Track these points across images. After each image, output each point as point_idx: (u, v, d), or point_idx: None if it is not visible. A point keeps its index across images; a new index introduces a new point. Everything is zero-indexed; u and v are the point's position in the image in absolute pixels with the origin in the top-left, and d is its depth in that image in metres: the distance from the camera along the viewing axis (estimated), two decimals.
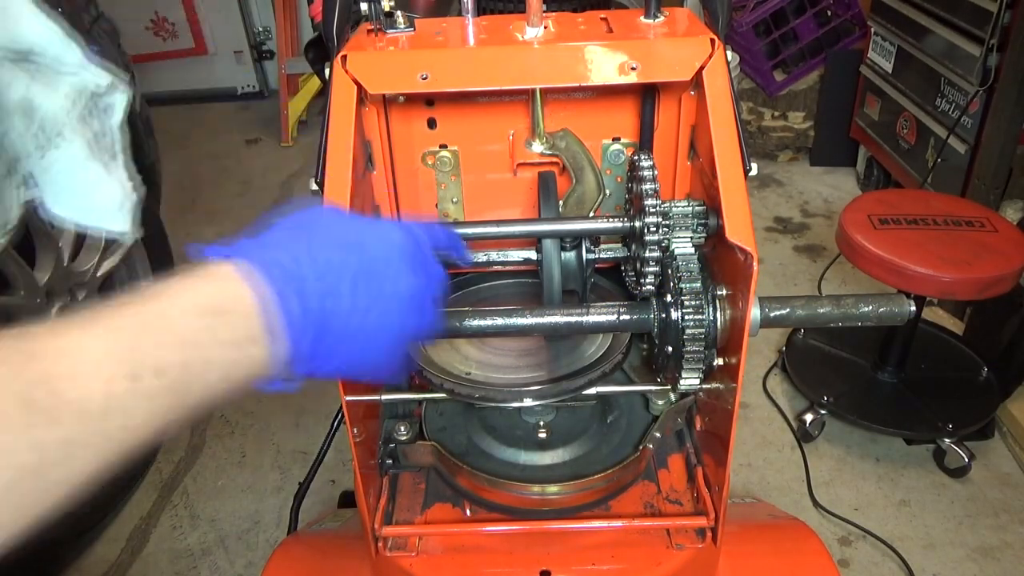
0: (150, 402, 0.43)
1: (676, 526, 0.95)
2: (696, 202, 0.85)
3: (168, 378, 0.43)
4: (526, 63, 0.84)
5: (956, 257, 1.82)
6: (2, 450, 0.36)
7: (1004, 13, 2.27)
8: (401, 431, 0.99)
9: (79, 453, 0.41)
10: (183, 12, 4.67)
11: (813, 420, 2.15)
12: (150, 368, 0.42)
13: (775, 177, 3.67)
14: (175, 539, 1.99)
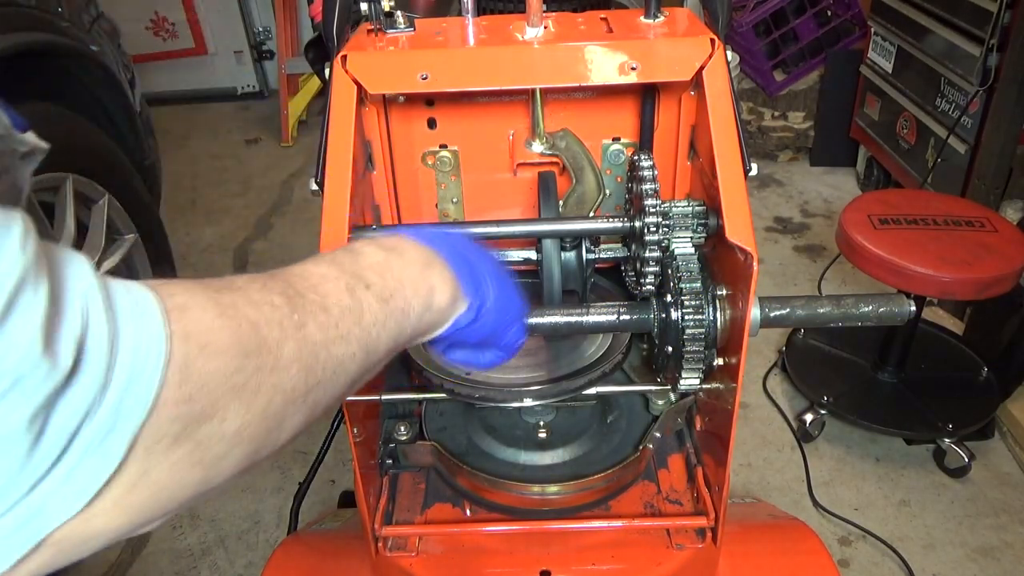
0: (384, 317, 0.52)
1: (676, 526, 0.95)
2: (696, 202, 0.85)
3: (390, 306, 0.53)
4: (526, 63, 0.84)
5: (956, 257, 1.82)
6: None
7: (1004, 13, 2.27)
8: (401, 431, 0.99)
9: (350, 343, 0.49)
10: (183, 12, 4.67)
11: (813, 420, 2.15)
12: (381, 291, 0.53)
13: (775, 177, 3.67)
14: (175, 539, 1.99)
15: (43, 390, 0.31)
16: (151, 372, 0.35)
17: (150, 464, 0.36)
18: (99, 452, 0.33)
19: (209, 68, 4.90)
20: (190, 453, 0.38)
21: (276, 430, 0.44)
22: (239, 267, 3.11)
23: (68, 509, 0.33)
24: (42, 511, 0.32)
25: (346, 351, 0.49)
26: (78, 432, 0.33)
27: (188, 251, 3.13)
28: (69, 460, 0.33)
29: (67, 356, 0.32)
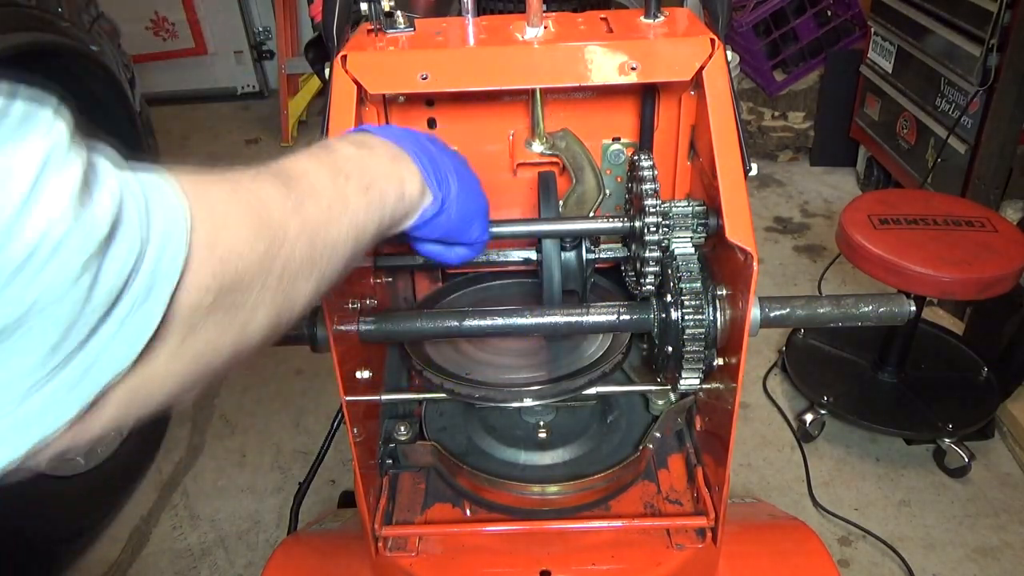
0: (366, 205, 0.58)
1: (676, 526, 0.95)
2: (696, 202, 0.85)
3: (369, 195, 0.58)
4: (526, 63, 0.84)
5: (956, 257, 1.82)
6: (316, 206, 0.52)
7: (1004, 13, 2.27)
8: (401, 431, 0.99)
9: (337, 218, 0.54)
10: (183, 12, 4.67)
11: (813, 420, 2.15)
12: (360, 182, 0.58)
13: (775, 177, 3.67)
14: (175, 539, 1.99)
15: (91, 242, 0.33)
16: (179, 234, 0.39)
17: (193, 323, 0.41)
18: (144, 307, 0.37)
19: (209, 68, 4.90)
20: (225, 317, 0.43)
21: (291, 301, 0.49)
22: None
23: (122, 360, 0.36)
24: (99, 361, 0.35)
25: (339, 233, 0.54)
26: (126, 286, 0.36)
27: None
28: (119, 312, 0.36)
29: (107, 214, 0.35)
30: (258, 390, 2.49)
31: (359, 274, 0.91)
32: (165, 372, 0.40)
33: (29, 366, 0.33)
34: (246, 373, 2.56)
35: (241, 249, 0.44)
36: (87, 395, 0.36)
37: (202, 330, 0.41)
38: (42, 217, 0.31)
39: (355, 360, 0.88)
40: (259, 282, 0.45)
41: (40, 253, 0.31)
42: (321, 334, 0.80)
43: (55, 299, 0.32)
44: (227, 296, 0.43)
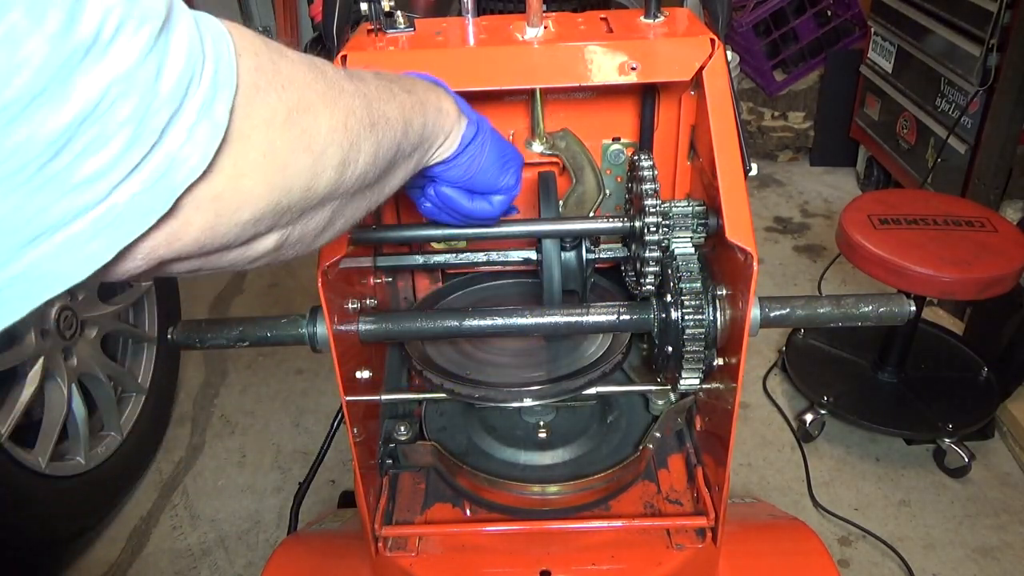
0: (412, 103, 0.60)
1: (676, 526, 0.95)
2: (696, 202, 0.85)
3: (413, 97, 0.60)
4: (526, 63, 0.84)
5: (956, 257, 1.82)
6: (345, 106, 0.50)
7: (1004, 13, 2.28)
8: (401, 431, 0.99)
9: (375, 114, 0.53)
10: None
11: (813, 420, 2.15)
12: (402, 85, 0.60)
13: (775, 177, 3.67)
14: (175, 539, 1.99)
15: (154, 19, 0.33)
16: (228, 51, 0.39)
17: (267, 136, 0.42)
18: (210, 114, 0.37)
19: None
20: (298, 136, 0.44)
21: (355, 148, 0.50)
22: None
23: (196, 166, 0.37)
24: (174, 165, 0.36)
25: (391, 111, 0.55)
26: (188, 88, 0.36)
27: None
28: (186, 118, 0.36)
29: (155, 12, 0.34)
30: (258, 390, 2.49)
31: (359, 274, 0.91)
32: (246, 188, 0.41)
33: (108, 162, 0.33)
34: (246, 373, 2.56)
35: (301, 78, 0.45)
36: (167, 197, 0.36)
37: (277, 139, 0.42)
38: (96, 10, 0.31)
39: (355, 360, 0.88)
40: (325, 116, 0.46)
41: (104, 34, 0.31)
42: (321, 334, 0.80)
43: (126, 82, 0.32)
44: (298, 117, 0.44)
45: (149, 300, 2.16)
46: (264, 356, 2.63)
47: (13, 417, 1.66)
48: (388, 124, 0.55)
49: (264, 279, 3.04)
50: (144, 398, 2.14)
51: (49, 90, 0.30)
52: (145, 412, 2.13)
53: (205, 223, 0.40)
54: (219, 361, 2.61)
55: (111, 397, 1.99)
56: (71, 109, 0.31)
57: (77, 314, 1.84)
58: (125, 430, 2.04)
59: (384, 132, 0.54)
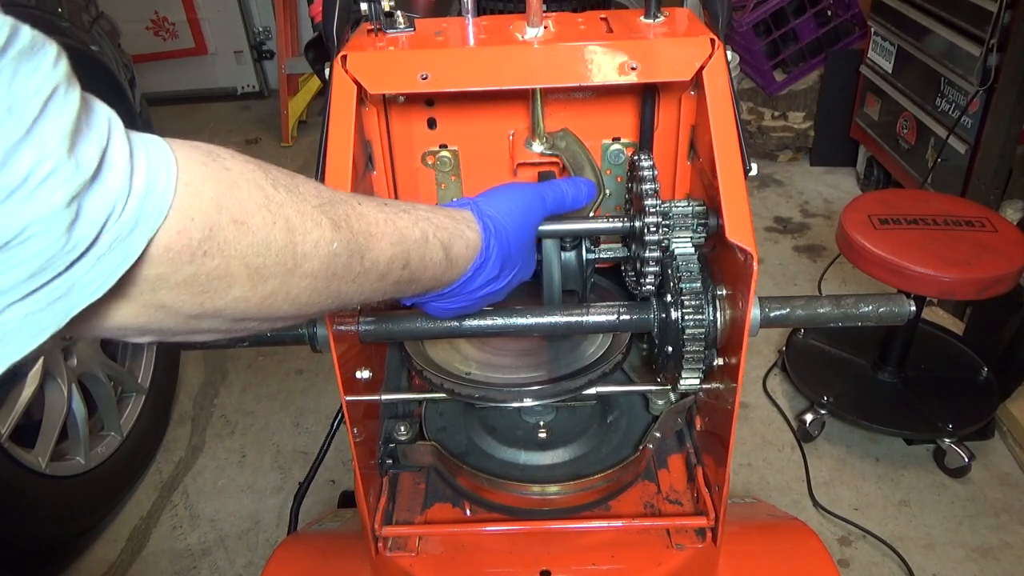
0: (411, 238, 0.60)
1: (676, 526, 0.95)
2: (696, 202, 0.85)
3: (411, 238, 0.60)
4: (526, 63, 0.83)
5: (956, 257, 1.82)
6: (318, 242, 0.50)
7: (1004, 13, 2.28)
8: (401, 431, 0.99)
9: (360, 256, 0.54)
10: (183, 12, 4.67)
11: (813, 420, 2.15)
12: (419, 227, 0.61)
13: (775, 177, 3.67)
14: (175, 539, 1.99)
15: (75, 181, 0.35)
16: (164, 187, 0.41)
17: (164, 282, 0.42)
18: (123, 247, 0.39)
19: (209, 68, 4.90)
20: (196, 294, 0.44)
21: (272, 319, 0.50)
22: None
23: (95, 291, 0.39)
24: (73, 290, 0.38)
25: (377, 254, 0.56)
26: (106, 225, 0.38)
27: None
28: (99, 248, 0.38)
29: (92, 159, 0.37)
30: (258, 390, 2.49)
31: None
32: (131, 306, 0.43)
33: (6, 286, 0.35)
34: (246, 373, 2.56)
35: (239, 249, 0.44)
36: (59, 320, 0.38)
37: (171, 288, 0.43)
38: (40, 148, 0.34)
39: (355, 360, 0.88)
40: (242, 289, 0.46)
41: (32, 181, 0.33)
42: (321, 334, 0.80)
43: (40, 230, 0.34)
44: (207, 282, 0.44)
45: None
46: (264, 356, 2.63)
47: (13, 417, 1.66)
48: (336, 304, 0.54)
49: None
50: (144, 398, 2.14)
51: None
52: (145, 412, 2.13)
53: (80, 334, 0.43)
54: (219, 361, 2.61)
55: (111, 397, 1.99)
56: None
57: None
58: (125, 430, 2.04)
59: (321, 309, 0.54)
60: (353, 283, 0.54)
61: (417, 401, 1.06)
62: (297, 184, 0.50)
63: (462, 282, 0.68)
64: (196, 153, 0.44)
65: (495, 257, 0.70)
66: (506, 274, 0.73)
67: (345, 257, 0.52)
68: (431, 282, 0.65)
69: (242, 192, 0.45)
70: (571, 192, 0.82)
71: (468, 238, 0.67)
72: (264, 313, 0.49)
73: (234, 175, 0.45)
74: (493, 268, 0.70)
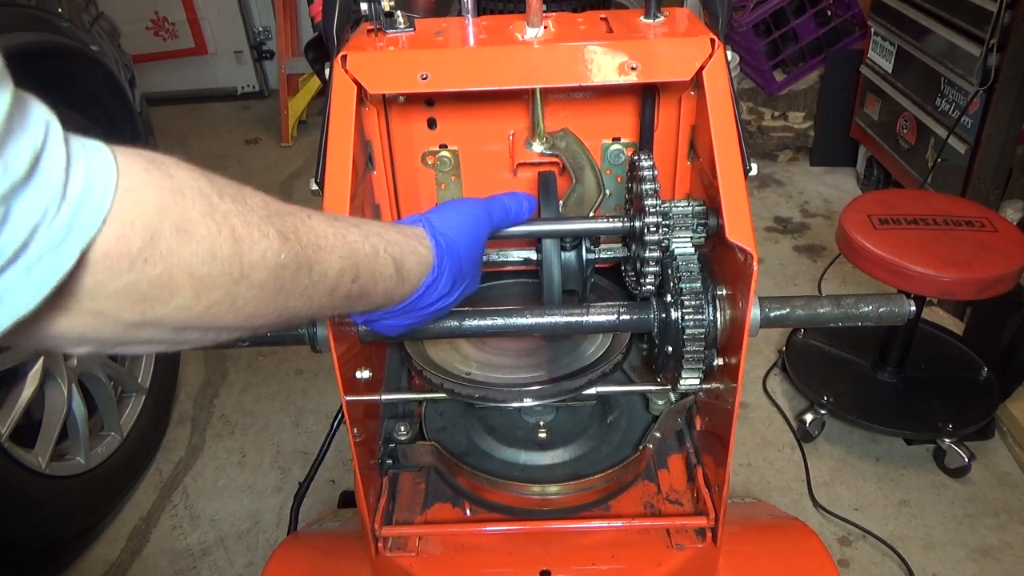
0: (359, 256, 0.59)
1: (676, 526, 0.95)
2: (696, 202, 0.85)
3: (361, 253, 0.59)
4: (526, 63, 0.83)
5: (956, 257, 1.82)
6: (265, 252, 0.49)
7: (1004, 13, 2.27)
8: (401, 431, 0.99)
9: (308, 269, 0.53)
10: (183, 12, 4.67)
11: (813, 420, 2.15)
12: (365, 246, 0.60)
13: (775, 177, 3.67)
14: (175, 539, 1.99)
15: (1, 184, 0.34)
16: (102, 194, 0.39)
17: (103, 289, 0.41)
18: (55, 255, 0.37)
19: (209, 68, 4.90)
20: (136, 302, 0.43)
21: (215, 329, 0.49)
22: None
23: (27, 302, 0.37)
24: (2, 301, 0.36)
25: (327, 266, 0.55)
26: (36, 231, 0.36)
27: None
28: (29, 257, 0.36)
29: (22, 162, 0.35)
30: (258, 390, 2.49)
31: None
32: (68, 317, 0.42)
33: None
34: (246, 373, 2.56)
35: (181, 256, 0.43)
36: None
37: (110, 297, 0.42)
38: None
39: (355, 360, 0.88)
40: (185, 299, 0.45)
41: None
42: (321, 334, 0.80)
43: None
44: (147, 290, 0.42)
45: None
46: (264, 356, 2.63)
47: (13, 417, 1.66)
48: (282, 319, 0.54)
49: None
50: (144, 398, 2.14)
51: None
52: (145, 412, 2.13)
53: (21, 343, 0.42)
54: (219, 361, 2.61)
55: (111, 397, 1.99)
56: None
57: None
58: (125, 430, 2.04)
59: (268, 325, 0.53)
60: (301, 296, 0.53)
61: (417, 401, 1.06)
62: (244, 195, 0.49)
63: (414, 299, 0.68)
64: (139, 160, 0.43)
65: (447, 273, 0.70)
66: (456, 288, 0.73)
67: (293, 269, 0.51)
68: (381, 298, 0.64)
69: (186, 200, 0.44)
70: (513, 207, 0.83)
71: (420, 254, 0.67)
72: (207, 323, 0.47)
73: (177, 182, 0.44)
74: (445, 284, 0.70)
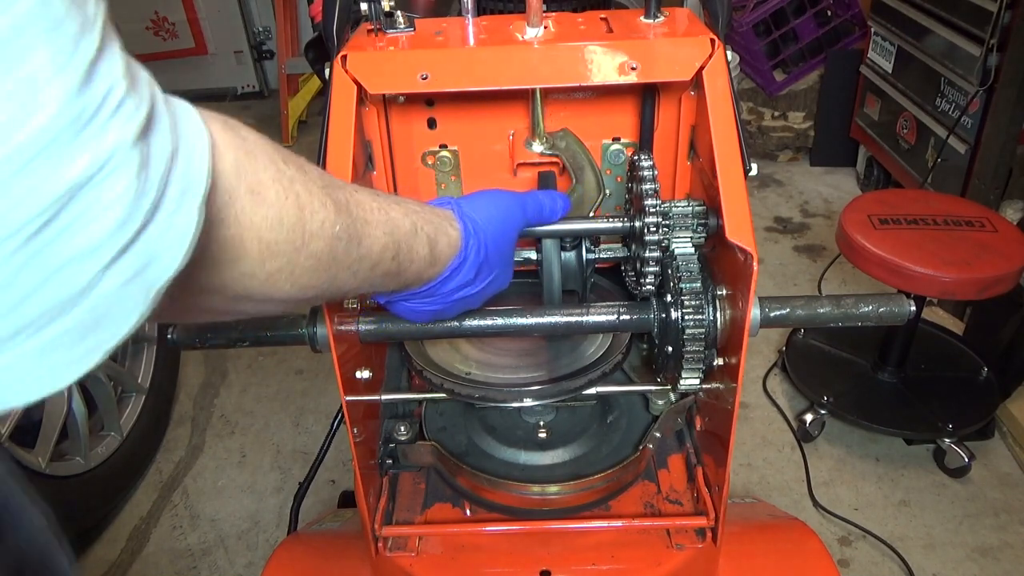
0: (396, 226, 0.59)
1: (676, 526, 0.95)
2: (696, 202, 0.85)
3: (402, 230, 0.60)
4: (526, 63, 0.83)
5: (956, 257, 1.82)
6: (324, 222, 0.49)
7: (1004, 13, 2.27)
8: (401, 431, 0.99)
9: (357, 242, 0.54)
10: (183, 12, 4.66)
11: (813, 420, 2.15)
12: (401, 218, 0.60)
13: (775, 177, 3.67)
14: (175, 539, 1.99)
15: (138, 117, 0.32)
16: (201, 153, 0.38)
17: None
18: (184, 207, 0.36)
19: (209, 68, 4.90)
20: (203, 266, 0.42)
21: (271, 300, 0.50)
22: None
23: (175, 257, 0.36)
24: (155, 257, 0.34)
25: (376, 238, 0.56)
26: (168, 179, 0.34)
27: None
28: (168, 204, 0.35)
29: (146, 100, 0.34)
30: (258, 390, 2.49)
31: None
32: (215, 267, 0.42)
33: (95, 240, 0.31)
34: (246, 373, 2.56)
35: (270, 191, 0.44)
36: (148, 292, 0.35)
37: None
38: (110, 68, 0.31)
39: (355, 360, 0.88)
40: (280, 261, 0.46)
41: (109, 103, 0.31)
42: (321, 334, 0.80)
43: (124, 155, 0.31)
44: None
45: None
46: (264, 356, 2.63)
47: (13, 417, 1.66)
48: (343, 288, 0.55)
49: None
50: (144, 398, 2.14)
51: (57, 144, 0.28)
52: (145, 412, 2.13)
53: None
54: (219, 361, 2.61)
55: (111, 397, 1.99)
56: (73, 171, 0.29)
57: None
58: (125, 430, 2.04)
59: (336, 290, 0.55)
60: (348, 269, 0.54)
61: (417, 401, 1.06)
62: (302, 163, 0.49)
63: (438, 282, 0.68)
64: (215, 120, 0.42)
65: (472, 259, 0.69)
66: (482, 279, 0.72)
67: (345, 241, 0.52)
68: (413, 277, 0.64)
69: (257, 163, 0.44)
70: (548, 204, 0.82)
71: (450, 235, 0.66)
72: (265, 292, 0.47)
73: (250, 144, 0.44)
74: (469, 271, 0.69)
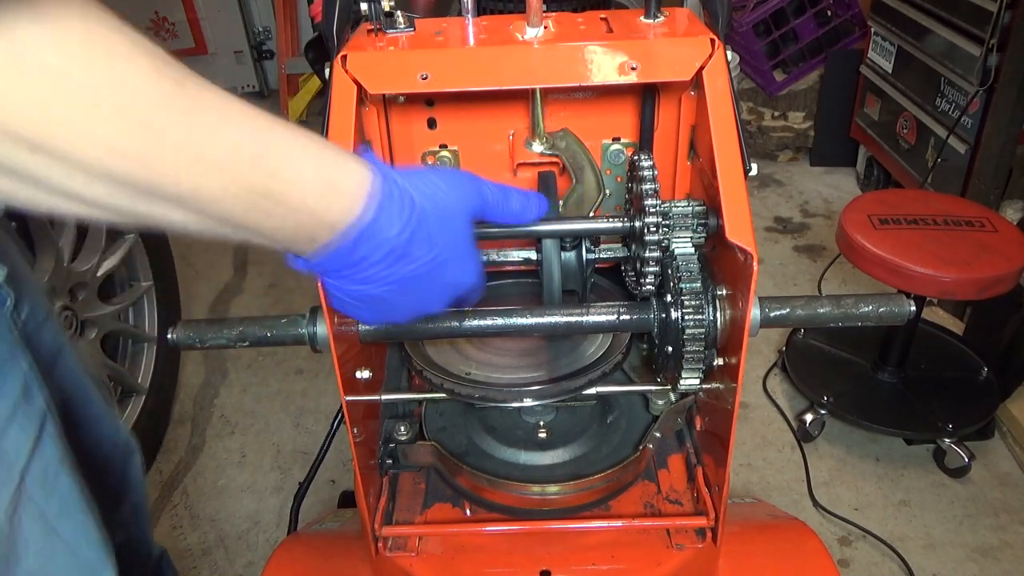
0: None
1: (676, 526, 0.95)
2: (696, 202, 0.85)
3: (273, 135, 0.49)
4: (526, 63, 0.83)
5: (956, 257, 1.82)
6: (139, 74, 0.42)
7: (1004, 13, 2.27)
8: (401, 431, 0.99)
9: (190, 118, 0.44)
10: (183, 12, 4.66)
11: (813, 420, 2.15)
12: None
13: (775, 177, 3.67)
14: (175, 539, 1.99)
15: None
16: None
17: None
18: None
19: (209, 68, 4.89)
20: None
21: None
22: (239, 266, 3.12)
23: None
24: None
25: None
26: None
27: (187, 251, 3.13)
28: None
29: None
30: (258, 390, 2.49)
31: None
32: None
33: None
34: (246, 373, 2.56)
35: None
36: None
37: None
38: None
39: (355, 360, 0.88)
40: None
41: None
42: (321, 334, 0.80)
43: None
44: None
45: (149, 300, 2.16)
46: (264, 356, 2.63)
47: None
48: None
49: (264, 279, 3.04)
50: (144, 398, 2.14)
51: None
52: (145, 412, 2.13)
53: None
54: (219, 361, 2.61)
55: (111, 397, 1.99)
56: None
57: (77, 314, 1.84)
58: None
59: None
60: (179, 152, 0.44)
61: (417, 401, 1.06)
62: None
63: (356, 238, 0.53)
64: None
65: (397, 211, 0.55)
66: (421, 252, 0.57)
67: (170, 111, 0.43)
68: (307, 215, 0.51)
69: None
70: (518, 201, 0.70)
71: (357, 171, 0.54)
72: (56, 146, 0.41)
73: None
74: (397, 228, 0.55)
